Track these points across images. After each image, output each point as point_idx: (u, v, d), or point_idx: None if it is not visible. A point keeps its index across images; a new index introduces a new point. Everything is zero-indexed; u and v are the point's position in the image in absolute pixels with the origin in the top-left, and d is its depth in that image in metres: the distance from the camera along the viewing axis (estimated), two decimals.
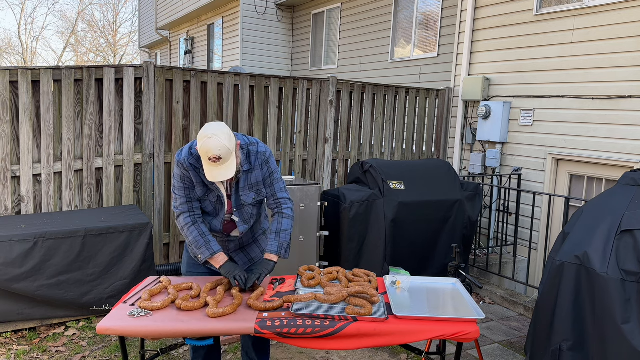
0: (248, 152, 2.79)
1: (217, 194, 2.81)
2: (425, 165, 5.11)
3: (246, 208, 2.87)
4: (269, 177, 2.86)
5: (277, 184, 2.90)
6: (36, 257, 3.74)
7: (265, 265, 2.79)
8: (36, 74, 4.31)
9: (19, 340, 3.82)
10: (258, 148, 2.81)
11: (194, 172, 2.74)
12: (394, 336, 2.36)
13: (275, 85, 5.49)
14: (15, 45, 33.85)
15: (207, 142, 2.52)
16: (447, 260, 4.87)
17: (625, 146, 4.91)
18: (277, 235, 2.85)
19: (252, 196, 2.84)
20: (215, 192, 2.80)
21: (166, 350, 2.82)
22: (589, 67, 5.21)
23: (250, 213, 2.89)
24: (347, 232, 4.60)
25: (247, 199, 2.83)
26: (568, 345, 2.95)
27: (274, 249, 2.83)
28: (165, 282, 2.79)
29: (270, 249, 2.84)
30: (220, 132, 2.55)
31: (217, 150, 2.51)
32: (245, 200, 2.83)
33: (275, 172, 2.89)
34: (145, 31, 18.67)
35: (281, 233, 2.86)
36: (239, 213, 2.86)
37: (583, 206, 3.25)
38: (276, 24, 11.71)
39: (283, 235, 2.86)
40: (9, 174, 4.29)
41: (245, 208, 2.87)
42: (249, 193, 2.83)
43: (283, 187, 2.93)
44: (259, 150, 2.81)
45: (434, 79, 7.98)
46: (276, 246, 2.84)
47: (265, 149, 2.84)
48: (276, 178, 2.89)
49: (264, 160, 2.82)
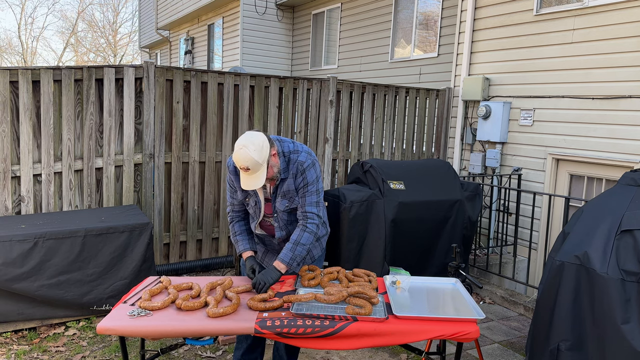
0: (289, 159, 2.83)
1: (255, 199, 2.91)
2: (425, 165, 5.10)
3: (281, 214, 2.93)
4: (302, 187, 2.85)
5: (310, 197, 2.86)
6: (36, 257, 3.74)
7: (270, 273, 2.77)
8: (36, 74, 4.32)
9: (19, 340, 3.82)
10: (299, 157, 2.83)
11: (235, 177, 2.91)
12: (394, 336, 2.36)
13: (275, 85, 5.49)
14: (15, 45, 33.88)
15: (237, 152, 2.64)
16: (447, 260, 4.87)
17: (625, 146, 4.91)
18: (293, 247, 2.82)
19: (285, 203, 2.88)
20: (254, 197, 2.90)
21: (166, 350, 2.82)
22: (589, 67, 5.21)
23: (285, 220, 2.94)
24: (347, 232, 4.60)
25: (280, 206, 2.89)
26: (567, 345, 2.95)
27: (286, 259, 2.80)
28: (166, 282, 2.79)
29: (282, 257, 2.81)
30: (251, 143, 2.62)
31: (245, 162, 2.61)
32: (278, 207, 2.90)
33: (311, 185, 2.85)
34: (146, 31, 18.68)
35: (298, 246, 2.82)
36: (275, 219, 2.94)
37: (583, 206, 3.25)
38: (276, 24, 11.72)
39: (299, 249, 2.82)
40: (9, 174, 4.29)
41: (280, 214, 2.93)
42: (282, 200, 2.88)
43: (315, 201, 2.87)
44: (299, 160, 2.82)
45: (434, 79, 7.98)
46: (289, 257, 2.81)
47: (306, 159, 2.83)
48: (310, 190, 2.85)
49: (300, 170, 2.82)
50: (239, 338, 3.10)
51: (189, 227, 5.22)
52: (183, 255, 5.26)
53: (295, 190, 2.86)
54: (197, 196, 5.22)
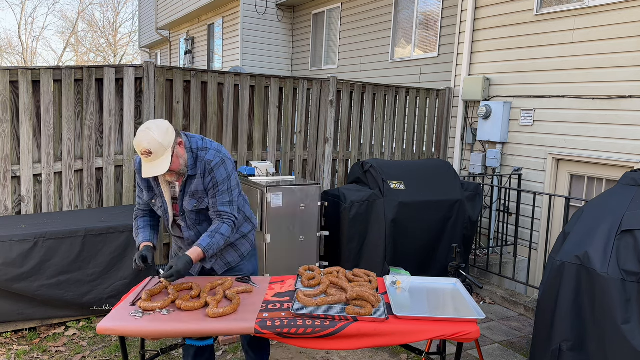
0: (197, 157, 2.68)
1: (161, 200, 2.78)
2: (425, 165, 5.10)
3: (189, 214, 2.80)
4: (212, 188, 2.70)
5: (221, 197, 2.71)
6: (36, 257, 3.74)
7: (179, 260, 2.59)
8: (36, 74, 4.31)
9: (19, 340, 3.82)
10: (206, 155, 2.67)
11: (139, 174, 2.74)
12: (394, 336, 2.36)
13: (275, 85, 5.49)
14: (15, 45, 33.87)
15: (138, 134, 2.49)
16: (447, 260, 4.87)
17: (625, 146, 4.91)
18: (212, 234, 2.67)
19: (193, 203, 2.74)
20: (160, 198, 2.78)
21: (166, 350, 2.82)
22: (589, 67, 5.21)
23: (194, 219, 2.82)
24: (348, 232, 4.60)
25: (188, 206, 2.75)
26: (568, 346, 2.95)
27: (203, 244, 2.64)
28: (165, 282, 2.79)
29: (200, 242, 2.65)
30: (155, 126, 2.50)
31: (147, 144, 2.45)
32: (186, 206, 2.75)
33: (222, 184, 2.70)
34: (146, 31, 18.68)
35: (217, 234, 2.68)
36: (183, 219, 2.82)
37: (583, 206, 3.24)
38: (276, 24, 11.71)
39: (218, 237, 2.68)
40: (9, 174, 4.29)
41: (188, 214, 2.80)
42: (190, 200, 2.73)
43: (227, 200, 2.73)
44: (206, 158, 2.66)
45: (434, 79, 7.98)
46: (207, 242, 2.65)
47: (213, 157, 2.67)
48: (220, 190, 2.70)
49: (208, 169, 2.66)
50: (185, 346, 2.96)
51: None
52: None
53: (205, 191, 2.72)
54: None
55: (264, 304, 2.59)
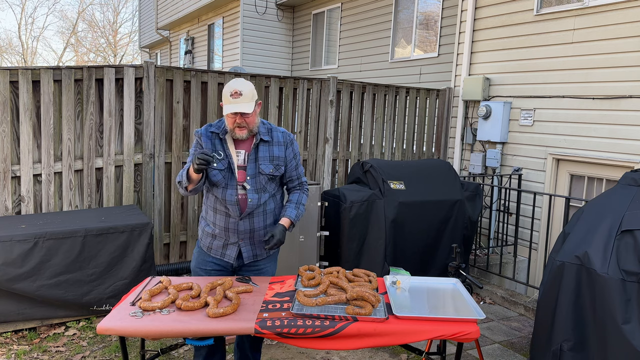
0: (270, 128, 2.94)
1: (227, 161, 2.86)
2: (425, 165, 5.10)
3: (261, 178, 2.90)
4: (293, 158, 3.00)
5: (301, 169, 3.08)
6: (36, 257, 3.74)
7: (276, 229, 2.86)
8: (36, 74, 4.31)
9: (19, 340, 3.82)
10: (280, 129, 2.99)
11: (206, 139, 2.88)
12: (394, 336, 2.36)
13: (275, 85, 5.49)
14: (15, 45, 33.87)
15: (234, 80, 2.78)
16: (447, 260, 4.87)
17: (625, 146, 4.91)
18: (297, 206, 3.00)
19: (270, 168, 2.90)
20: (226, 159, 2.86)
21: (166, 350, 2.82)
22: (589, 67, 5.21)
23: (263, 185, 2.91)
24: (348, 232, 4.60)
25: (265, 169, 2.89)
26: (569, 346, 2.95)
27: (292, 215, 2.94)
28: (166, 282, 2.79)
29: (288, 214, 2.94)
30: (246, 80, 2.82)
31: (241, 86, 2.72)
32: (263, 169, 2.89)
33: (299, 157, 3.05)
34: (146, 31, 18.68)
35: (300, 205, 3.02)
36: (253, 181, 2.88)
37: (583, 206, 3.24)
38: (276, 24, 11.71)
39: (302, 208, 3.02)
40: (9, 174, 4.29)
41: (260, 177, 2.90)
42: (268, 164, 2.90)
43: (303, 171, 3.12)
44: (284, 131, 2.99)
45: (434, 79, 7.98)
46: (294, 214, 2.96)
47: (289, 133, 3.01)
48: (299, 162, 3.06)
49: (289, 140, 2.97)
50: (196, 348, 3.00)
51: (189, 227, 5.22)
52: (183, 255, 5.25)
53: (284, 159, 2.95)
54: (197, 196, 5.21)
55: (264, 304, 2.59)
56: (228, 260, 2.98)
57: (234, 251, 2.97)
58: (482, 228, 6.07)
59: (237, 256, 2.98)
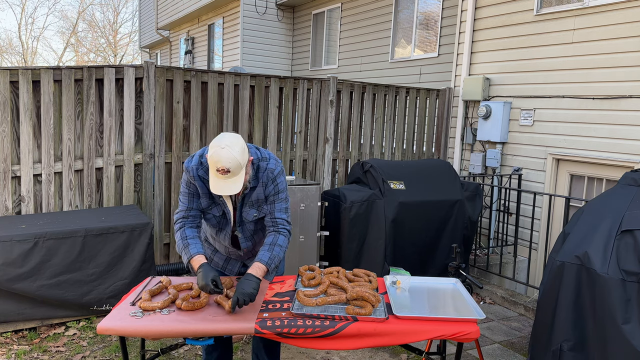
0: (258, 167, 2.67)
1: (222, 209, 2.74)
2: (425, 165, 5.10)
3: (247, 225, 2.79)
4: (273, 194, 2.71)
5: (279, 204, 2.73)
6: (36, 257, 3.74)
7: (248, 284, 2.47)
8: (36, 74, 4.31)
9: (20, 340, 3.82)
10: (268, 164, 2.68)
11: (200, 183, 2.67)
12: (394, 336, 2.36)
13: (275, 85, 5.49)
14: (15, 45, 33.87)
15: (219, 151, 2.41)
16: (447, 260, 4.87)
17: (625, 146, 4.91)
18: (270, 247, 2.65)
19: (252, 213, 2.74)
20: (221, 206, 2.73)
21: (166, 350, 2.82)
22: (589, 67, 5.21)
23: (251, 230, 2.82)
24: (348, 232, 4.60)
25: (247, 216, 2.74)
26: (569, 346, 2.95)
27: (265, 259, 2.60)
28: (166, 282, 2.79)
29: (260, 257, 2.61)
30: (234, 144, 2.44)
31: (228, 163, 2.40)
32: (245, 217, 2.75)
33: (282, 192, 2.72)
34: (146, 31, 18.68)
35: (275, 246, 2.65)
36: (241, 229, 2.80)
37: (583, 206, 3.24)
38: (276, 24, 11.71)
39: (277, 249, 2.65)
40: (9, 174, 4.29)
41: (247, 225, 2.79)
42: (249, 210, 2.73)
43: (284, 207, 2.75)
44: (268, 167, 2.67)
45: (434, 79, 7.98)
46: (267, 257, 2.61)
47: (275, 166, 2.70)
48: (280, 198, 2.73)
49: (271, 177, 2.68)
50: (207, 349, 2.95)
51: None
52: None
53: (265, 199, 2.72)
54: None
55: (264, 303, 2.59)
56: (229, 274, 2.97)
57: (237, 266, 2.98)
58: (482, 228, 6.07)
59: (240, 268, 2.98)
